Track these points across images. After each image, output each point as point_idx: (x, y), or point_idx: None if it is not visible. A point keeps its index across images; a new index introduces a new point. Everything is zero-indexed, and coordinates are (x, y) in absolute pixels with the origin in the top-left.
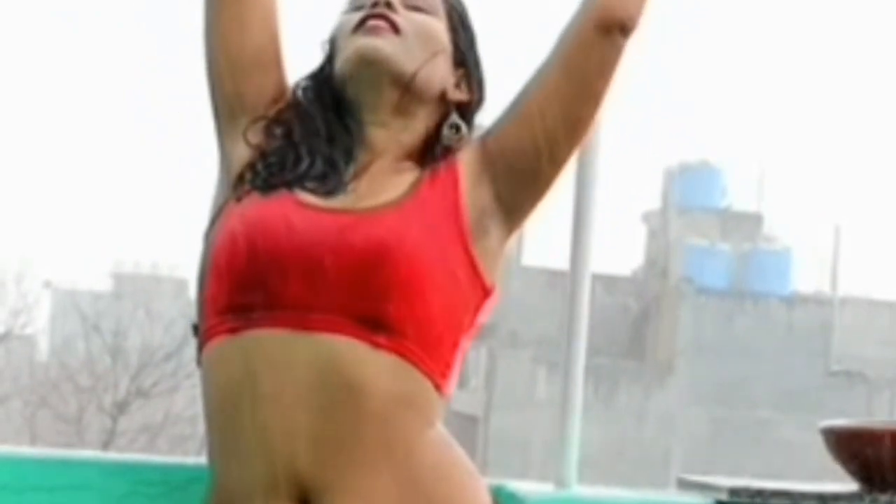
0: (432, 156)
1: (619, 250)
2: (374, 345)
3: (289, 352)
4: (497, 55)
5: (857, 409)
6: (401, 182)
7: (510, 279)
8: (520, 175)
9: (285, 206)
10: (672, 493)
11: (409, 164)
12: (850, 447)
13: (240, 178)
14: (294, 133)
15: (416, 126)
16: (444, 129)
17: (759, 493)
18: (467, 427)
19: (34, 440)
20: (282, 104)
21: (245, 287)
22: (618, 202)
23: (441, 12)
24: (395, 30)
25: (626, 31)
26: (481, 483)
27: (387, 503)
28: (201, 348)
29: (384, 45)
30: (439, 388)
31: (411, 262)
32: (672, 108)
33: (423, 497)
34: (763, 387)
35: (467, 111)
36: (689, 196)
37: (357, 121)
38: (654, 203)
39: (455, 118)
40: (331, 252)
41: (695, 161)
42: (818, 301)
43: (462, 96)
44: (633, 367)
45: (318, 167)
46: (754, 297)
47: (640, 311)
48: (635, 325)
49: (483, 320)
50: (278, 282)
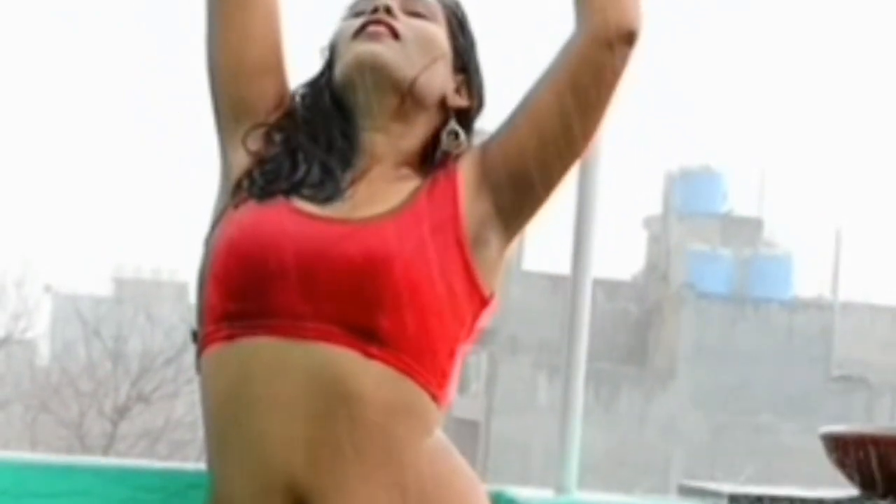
0: (431, 162)
1: (620, 255)
2: (368, 355)
3: (284, 360)
4: (497, 61)
5: (858, 414)
6: (399, 190)
7: (511, 284)
8: (520, 185)
9: (281, 213)
10: (673, 499)
11: (408, 171)
12: (850, 453)
13: (238, 185)
14: (292, 140)
15: (416, 132)
16: (444, 136)
17: (759, 499)
18: (467, 432)
19: (34, 444)
20: (282, 111)
21: (240, 295)
22: (619, 207)
23: (441, 18)
24: (394, 35)
25: (630, 42)
26: (481, 490)
27: None
28: (199, 355)
29: (384, 50)
30: (436, 397)
31: (406, 274)
32: (673, 113)
33: None
34: (764, 392)
35: (467, 117)
36: (689, 201)
37: (356, 126)
38: (655, 208)
39: (454, 125)
40: (325, 261)
41: (696, 166)
42: (819, 306)
43: (462, 102)
44: (634, 372)
45: (315, 174)
46: (755, 302)
47: (640, 316)
48: (636, 331)
49: (482, 325)
50: (272, 290)
